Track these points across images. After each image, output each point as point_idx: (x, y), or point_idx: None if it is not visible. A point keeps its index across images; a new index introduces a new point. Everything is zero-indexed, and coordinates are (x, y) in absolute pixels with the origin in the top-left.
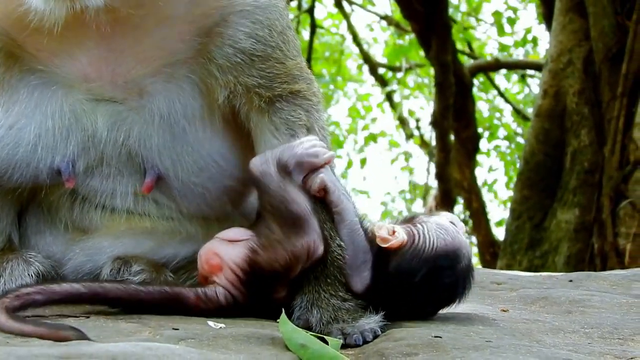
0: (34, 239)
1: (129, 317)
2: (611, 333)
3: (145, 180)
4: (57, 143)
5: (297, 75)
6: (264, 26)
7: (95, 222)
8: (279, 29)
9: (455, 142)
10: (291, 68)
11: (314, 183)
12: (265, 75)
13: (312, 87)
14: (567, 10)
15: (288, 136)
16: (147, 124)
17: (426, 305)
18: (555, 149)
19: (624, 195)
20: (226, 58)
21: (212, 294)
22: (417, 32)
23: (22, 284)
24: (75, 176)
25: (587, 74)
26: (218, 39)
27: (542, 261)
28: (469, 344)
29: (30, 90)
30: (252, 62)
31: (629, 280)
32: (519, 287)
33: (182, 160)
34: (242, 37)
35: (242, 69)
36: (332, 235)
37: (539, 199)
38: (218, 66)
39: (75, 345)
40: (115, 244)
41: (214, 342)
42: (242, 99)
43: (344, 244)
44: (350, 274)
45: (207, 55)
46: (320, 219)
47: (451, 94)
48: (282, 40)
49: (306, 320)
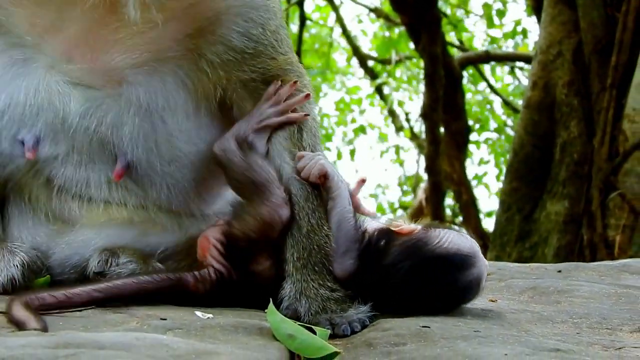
0: (17, 230)
1: (116, 308)
2: (600, 323)
3: (116, 168)
4: (24, 117)
5: (287, 69)
6: (257, 24)
7: (75, 213)
8: (272, 27)
9: (445, 134)
10: (282, 62)
11: (313, 169)
12: (257, 69)
13: (303, 80)
14: (557, 2)
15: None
16: (122, 111)
17: (415, 303)
18: (545, 140)
19: (613, 187)
20: (217, 55)
21: (205, 273)
22: (406, 24)
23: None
24: (37, 150)
25: (577, 65)
26: (210, 37)
27: (532, 253)
28: (457, 333)
29: (11, 63)
30: (243, 59)
31: (618, 271)
32: (508, 278)
33: (158, 149)
34: (235, 36)
35: (233, 65)
36: (320, 224)
37: (529, 191)
38: (208, 62)
39: (64, 335)
40: (99, 235)
41: (201, 332)
42: (232, 92)
43: (331, 230)
44: (333, 259)
45: (197, 52)
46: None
47: (441, 86)
48: (275, 38)
49: (295, 310)
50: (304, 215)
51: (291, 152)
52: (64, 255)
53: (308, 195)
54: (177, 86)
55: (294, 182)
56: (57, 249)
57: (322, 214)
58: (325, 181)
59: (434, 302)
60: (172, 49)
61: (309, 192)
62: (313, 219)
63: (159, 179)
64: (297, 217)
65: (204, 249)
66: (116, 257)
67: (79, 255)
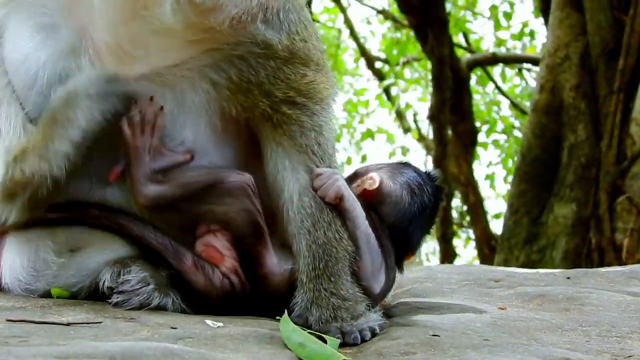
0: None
1: (127, 317)
2: (609, 331)
3: (114, 167)
4: (31, 89)
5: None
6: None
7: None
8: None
9: (452, 136)
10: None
11: (329, 191)
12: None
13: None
14: (564, 5)
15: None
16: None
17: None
18: (552, 143)
19: (621, 190)
20: (239, 83)
21: (218, 280)
22: (413, 26)
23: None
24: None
25: (584, 68)
26: (239, 67)
27: (540, 256)
28: (466, 342)
29: (36, 30)
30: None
31: (627, 278)
32: (517, 285)
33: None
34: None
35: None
36: (337, 238)
37: (536, 194)
38: (230, 85)
39: (75, 344)
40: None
41: (212, 341)
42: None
43: (360, 250)
44: (371, 280)
45: (223, 74)
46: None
47: (448, 87)
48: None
49: (305, 319)
50: (320, 227)
51: (306, 165)
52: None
53: (323, 208)
54: (195, 100)
55: (309, 195)
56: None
57: (339, 227)
58: (340, 202)
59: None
60: (203, 66)
61: (323, 206)
62: (330, 232)
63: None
64: (312, 229)
65: (215, 259)
66: (127, 267)
67: (91, 274)
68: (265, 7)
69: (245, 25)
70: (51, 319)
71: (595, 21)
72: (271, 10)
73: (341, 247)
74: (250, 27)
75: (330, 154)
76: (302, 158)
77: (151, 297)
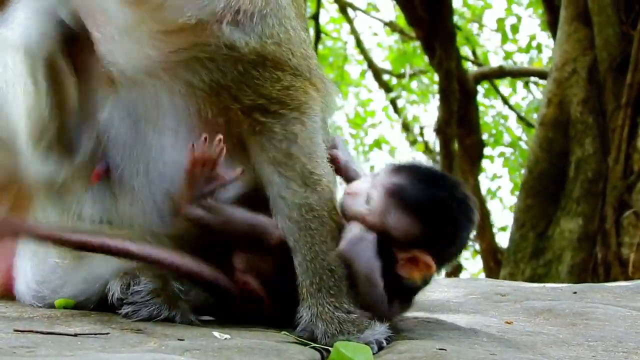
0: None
1: (134, 328)
2: (615, 346)
3: (95, 167)
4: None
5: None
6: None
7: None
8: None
9: (459, 149)
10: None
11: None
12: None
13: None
14: (572, 19)
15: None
16: (112, 111)
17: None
18: (559, 157)
19: (627, 205)
20: (210, 84)
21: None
22: (421, 38)
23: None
24: None
25: (592, 83)
26: (209, 68)
27: (546, 270)
28: (473, 356)
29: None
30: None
31: (633, 292)
32: (523, 299)
33: (140, 160)
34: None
35: (224, 94)
36: (328, 249)
37: (543, 208)
38: (203, 86)
39: (82, 355)
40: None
41: (219, 353)
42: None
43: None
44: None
45: (197, 75)
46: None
47: (455, 100)
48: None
49: (311, 332)
50: (316, 242)
51: (301, 179)
52: (80, 290)
53: (309, 226)
54: (176, 103)
55: (292, 207)
56: (72, 284)
57: (329, 242)
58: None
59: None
60: (188, 70)
61: (310, 223)
62: (324, 246)
63: (135, 190)
64: (297, 245)
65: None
66: (136, 278)
67: (98, 284)
68: (235, 9)
69: (209, 26)
70: (58, 330)
71: (603, 35)
72: (243, 14)
73: (331, 258)
74: (214, 28)
75: (305, 162)
76: (274, 169)
77: (161, 309)
